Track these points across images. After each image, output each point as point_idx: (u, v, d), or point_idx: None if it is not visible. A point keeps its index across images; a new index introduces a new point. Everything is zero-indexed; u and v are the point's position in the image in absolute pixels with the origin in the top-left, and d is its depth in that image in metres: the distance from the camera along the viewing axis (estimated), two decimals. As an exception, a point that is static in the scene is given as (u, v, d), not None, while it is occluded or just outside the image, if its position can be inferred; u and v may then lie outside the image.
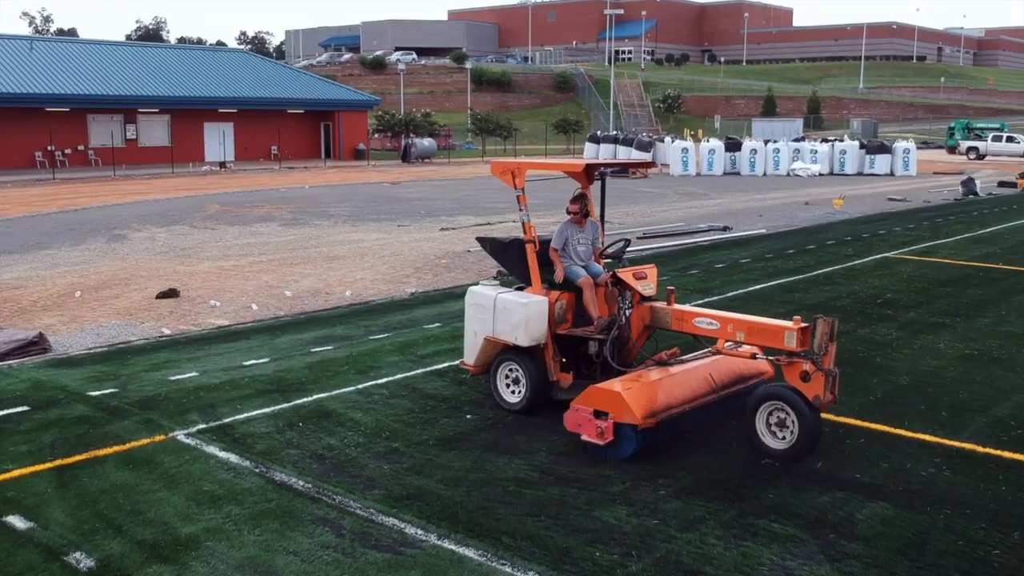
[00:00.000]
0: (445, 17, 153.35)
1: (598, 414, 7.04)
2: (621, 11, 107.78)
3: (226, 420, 8.10)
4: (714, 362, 7.93)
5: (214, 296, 13.98)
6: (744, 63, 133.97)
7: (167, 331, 11.77)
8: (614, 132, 62.95)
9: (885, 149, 45.36)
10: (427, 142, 58.10)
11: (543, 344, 8.07)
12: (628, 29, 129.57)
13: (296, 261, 17.45)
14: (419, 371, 9.70)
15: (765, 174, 44.92)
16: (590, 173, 8.92)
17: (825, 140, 48.88)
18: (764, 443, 7.13)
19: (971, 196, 32.19)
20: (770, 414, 7.10)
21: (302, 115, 57.32)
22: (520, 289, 8.47)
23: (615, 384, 7.23)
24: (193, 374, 9.59)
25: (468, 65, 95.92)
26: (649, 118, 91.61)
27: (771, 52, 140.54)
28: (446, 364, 9.92)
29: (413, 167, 52.58)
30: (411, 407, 8.50)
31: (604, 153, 54.22)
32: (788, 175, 44.41)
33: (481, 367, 8.56)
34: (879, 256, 17.88)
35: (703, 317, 7.64)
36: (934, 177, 44.31)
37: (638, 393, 7.09)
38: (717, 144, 46.49)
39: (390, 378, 9.40)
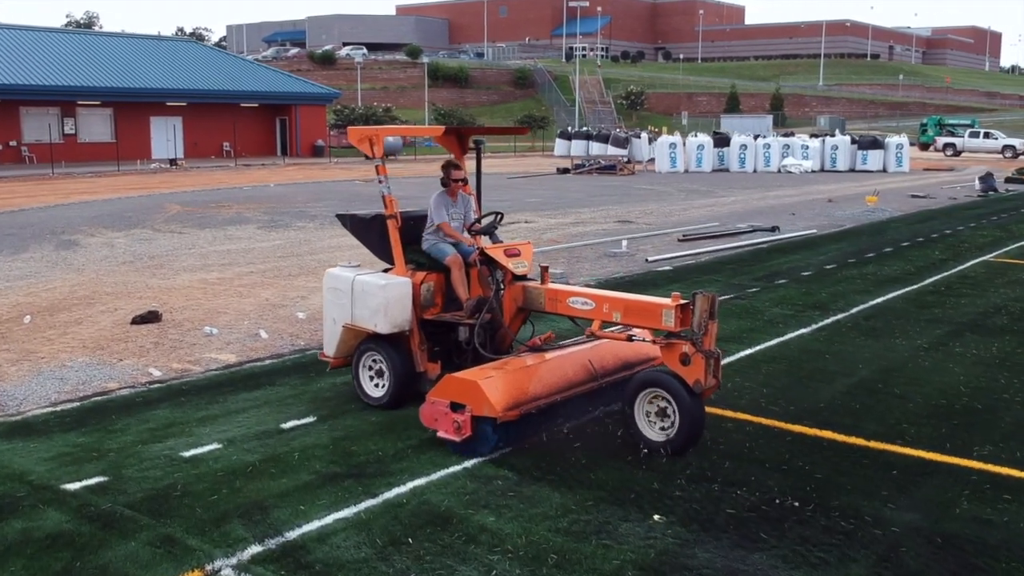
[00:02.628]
0: (393, 12, 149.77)
1: (455, 407, 6.32)
2: (586, 3, 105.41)
3: (291, 535, 5.18)
4: (595, 347, 7.19)
5: (206, 320, 10.96)
6: (699, 61, 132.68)
7: (156, 372, 8.75)
8: (585, 128, 60.53)
9: (878, 145, 43.46)
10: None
11: (407, 331, 7.36)
12: (583, 25, 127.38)
13: (294, 272, 14.44)
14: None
15: (755, 171, 42.69)
16: (461, 140, 8.17)
17: (814, 136, 46.91)
18: (644, 435, 6.43)
19: (991, 192, 30.23)
20: (650, 402, 6.42)
21: (256, 109, 53.76)
22: (387, 271, 7.64)
23: (474, 373, 6.48)
24: (214, 446, 6.63)
25: (425, 60, 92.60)
26: (612, 115, 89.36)
27: (725, 50, 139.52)
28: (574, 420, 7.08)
29: (378, 164, 49.31)
30: (561, 501, 5.65)
31: (576, 150, 52.10)
32: (779, 171, 42.28)
33: (342, 359, 7.74)
34: (977, 261, 15.46)
35: (578, 296, 6.87)
36: (928, 174, 42.49)
37: (498, 382, 6.36)
38: (705, 139, 44.20)
39: (506, 449, 6.54)
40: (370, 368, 7.52)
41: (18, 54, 46.04)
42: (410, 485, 5.88)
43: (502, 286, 7.25)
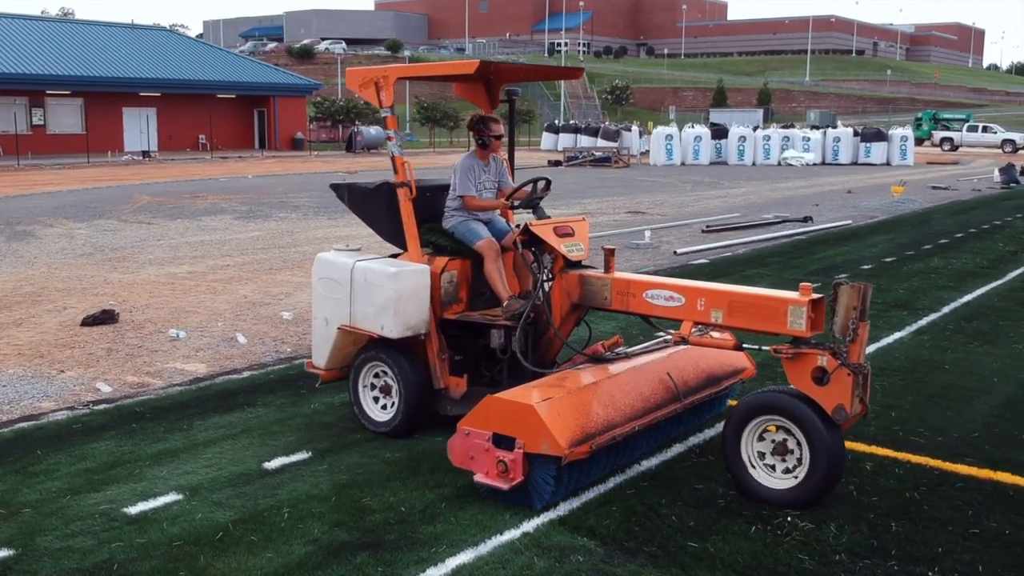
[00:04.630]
0: (372, 7, 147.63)
1: (499, 440, 4.65)
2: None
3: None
4: (671, 356, 5.58)
5: (172, 321, 9.13)
6: (682, 56, 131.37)
7: (105, 388, 6.92)
8: (573, 122, 58.96)
9: (882, 137, 41.95)
10: (375, 130, 52.87)
11: (424, 335, 5.67)
12: (564, 21, 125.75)
13: (276, 266, 12.61)
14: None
15: (754, 163, 41.09)
16: (490, 90, 6.35)
17: (815, 127, 45.43)
18: (755, 480, 4.75)
19: (1013, 185, 28.80)
20: (762, 434, 4.77)
21: (233, 100, 51.63)
22: (396, 257, 5.95)
23: (525, 393, 4.82)
24: (171, 497, 4.80)
25: (406, 53, 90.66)
26: (596, 110, 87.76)
27: (708, 46, 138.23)
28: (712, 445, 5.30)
29: (361, 158, 47.43)
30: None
31: (564, 143, 50.81)
32: (779, 164, 40.70)
33: (336, 371, 6.06)
34: (1049, 253, 13.87)
35: (659, 288, 5.18)
36: (934, 167, 40.97)
37: (560, 406, 4.71)
38: (703, 131, 42.60)
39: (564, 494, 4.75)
40: (373, 383, 5.85)
41: (-18, 41, 43.79)
42: (451, 564, 4.08)
43: (550, 275, 5.52)
